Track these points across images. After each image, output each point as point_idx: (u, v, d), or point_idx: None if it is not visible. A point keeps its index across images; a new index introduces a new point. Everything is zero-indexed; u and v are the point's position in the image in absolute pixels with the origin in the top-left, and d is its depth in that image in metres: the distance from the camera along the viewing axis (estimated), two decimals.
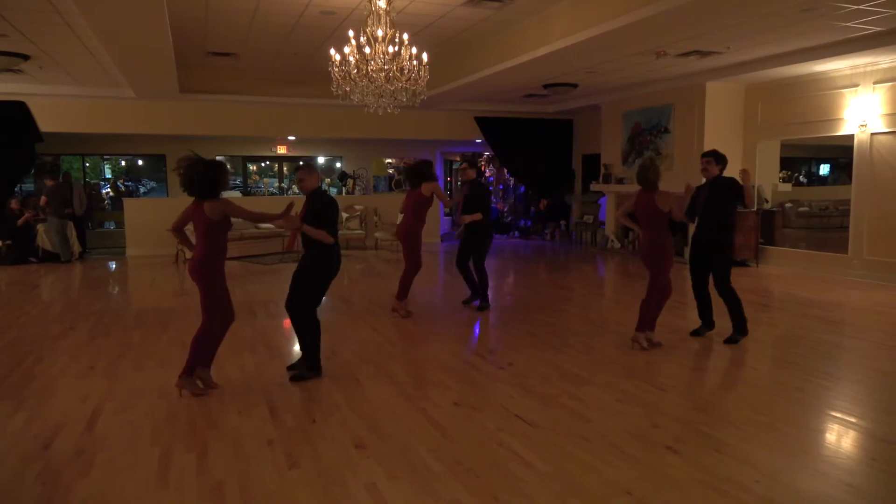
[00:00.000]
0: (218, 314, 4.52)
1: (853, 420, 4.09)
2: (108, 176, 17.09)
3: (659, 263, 5.55)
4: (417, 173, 6.98)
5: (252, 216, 4.55)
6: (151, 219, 12.55)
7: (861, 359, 5.60)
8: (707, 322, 6.09)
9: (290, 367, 5.04)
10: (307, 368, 4.86)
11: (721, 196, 5.74)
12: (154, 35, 7.31)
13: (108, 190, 16.69)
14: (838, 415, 4.20)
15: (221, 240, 4.49)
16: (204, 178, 4.31)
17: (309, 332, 4.83)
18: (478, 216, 7.04)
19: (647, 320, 5.66)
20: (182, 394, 4.48)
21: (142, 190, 17.12)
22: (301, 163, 4.94)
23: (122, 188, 16.77)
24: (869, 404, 4.45)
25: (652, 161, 5.54)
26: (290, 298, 4.87)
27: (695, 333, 6.07)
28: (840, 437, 3.91)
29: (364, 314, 7.14)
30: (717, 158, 5.83)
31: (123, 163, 17.38)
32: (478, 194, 7.20)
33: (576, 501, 3.02)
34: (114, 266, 11.62)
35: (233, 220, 4.52)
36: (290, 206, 4.80)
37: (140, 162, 17.30)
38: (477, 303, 7.39)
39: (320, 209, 4.77)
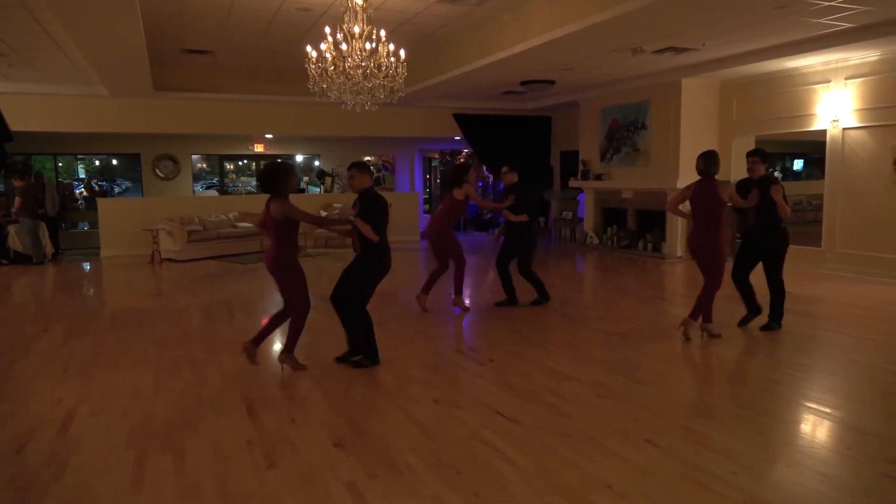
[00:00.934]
0: (299, 300, 4.88)
1: (828, 410, 4.15)
2: (82, 175, 16.80)
3: (717, 259, 5.61)
4: (451, 177, 7.03)
5: (312, 220, 4.91)
6: (126, 219, 12.38)
7: (835, 350, 5.70)
8: (753, 308, 6.21)
9: (338, 358, 5.19)
10: (365, 358, 5.04)
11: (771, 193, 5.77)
12: (126, 31, 7.20)
13: (82, 190, 16.41)
14: (814, 405, 4.26)
15: (290, 236, 4.80)
16: (267, 177, 4.77)
17: (361, 326, 5.02)
18: (524, 217, 7.00)
19: (705, 311, 5.75)
20: (283, 368, 4.96)
21: (116, 190, 16.85)
22: (354, 162, 5.06)
23: (97, 188, 16.49)
24: (843, 394, 4.52)
25: (715, 152, 5.67)
26: (336, 291, 5.05)
27: (743, 323, 6.23)
28: (815, 427, 3.98)
29: None
30: (764, 157, 5.99)
31: (97, 162, 17.09)
32: (526, 198, 7.10)
33: (557, 497, 3.03)
34: (88, 267, 11.42)
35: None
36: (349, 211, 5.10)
37: (114, 161, 17.04)
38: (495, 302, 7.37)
39: (369, 207, 4.90)
